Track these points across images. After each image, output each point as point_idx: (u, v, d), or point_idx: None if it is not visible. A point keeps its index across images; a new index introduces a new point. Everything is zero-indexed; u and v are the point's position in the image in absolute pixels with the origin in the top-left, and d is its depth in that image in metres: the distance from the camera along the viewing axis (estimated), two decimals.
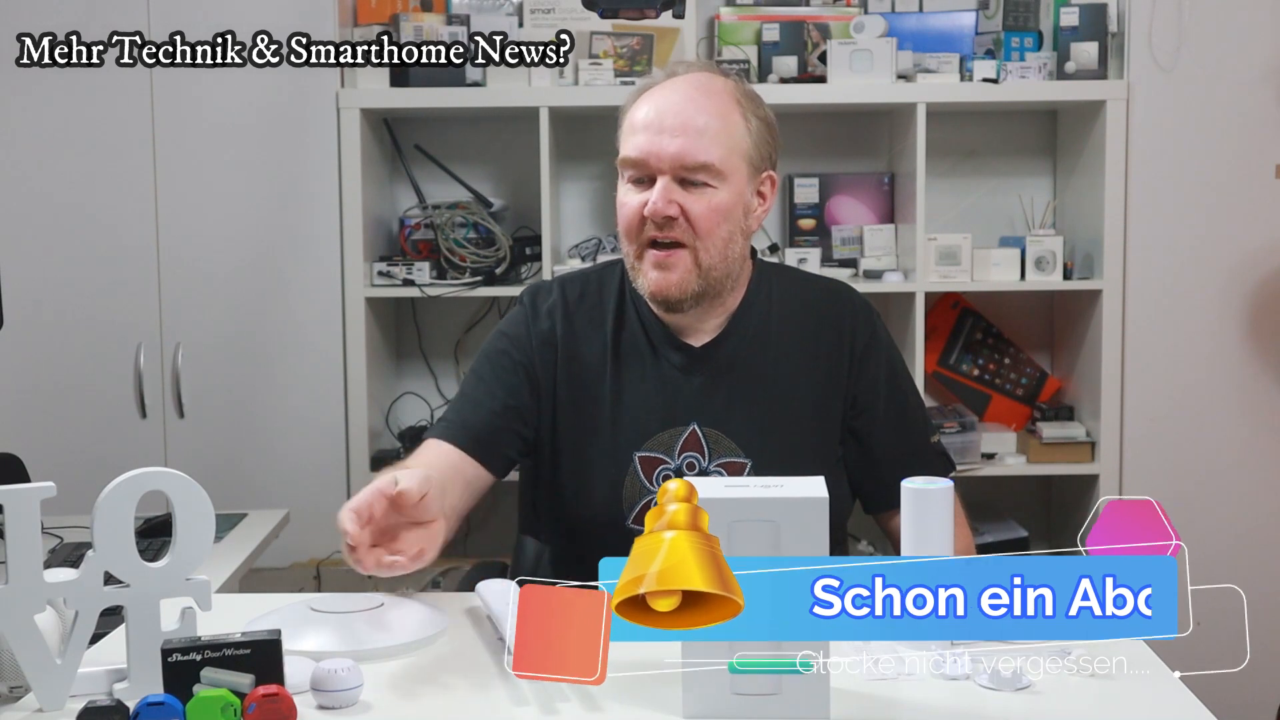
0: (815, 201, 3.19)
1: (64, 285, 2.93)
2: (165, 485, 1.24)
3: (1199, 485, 2.99)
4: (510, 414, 1.76)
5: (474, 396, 1.78)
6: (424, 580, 2.76)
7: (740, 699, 1.15)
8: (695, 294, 1.70)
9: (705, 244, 1.69)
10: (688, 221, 1.67)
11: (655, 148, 1.67)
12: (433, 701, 1.23)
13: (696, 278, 1.69)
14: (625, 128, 1.73)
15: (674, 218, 1.67)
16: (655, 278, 1.69)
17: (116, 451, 2.85)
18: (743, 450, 1.74)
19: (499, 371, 1.78)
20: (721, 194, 1.69)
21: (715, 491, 1.17)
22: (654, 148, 1.67)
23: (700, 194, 1.68)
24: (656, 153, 1.67)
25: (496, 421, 1.75)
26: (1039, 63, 2.96)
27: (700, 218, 1.67)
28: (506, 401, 1.76)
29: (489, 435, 1.74)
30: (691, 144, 1.66)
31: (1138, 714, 1.19)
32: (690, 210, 1.67)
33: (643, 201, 1.68)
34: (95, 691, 1.22)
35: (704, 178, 1.67)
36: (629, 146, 1.70)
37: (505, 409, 1.76)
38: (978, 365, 3.24)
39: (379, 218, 3.13)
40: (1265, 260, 2.96)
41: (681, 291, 1.69)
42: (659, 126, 1.67)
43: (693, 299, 1.71)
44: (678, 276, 1.69)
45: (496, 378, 1.78)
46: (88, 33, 2.88)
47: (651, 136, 1.67)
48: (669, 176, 1.67)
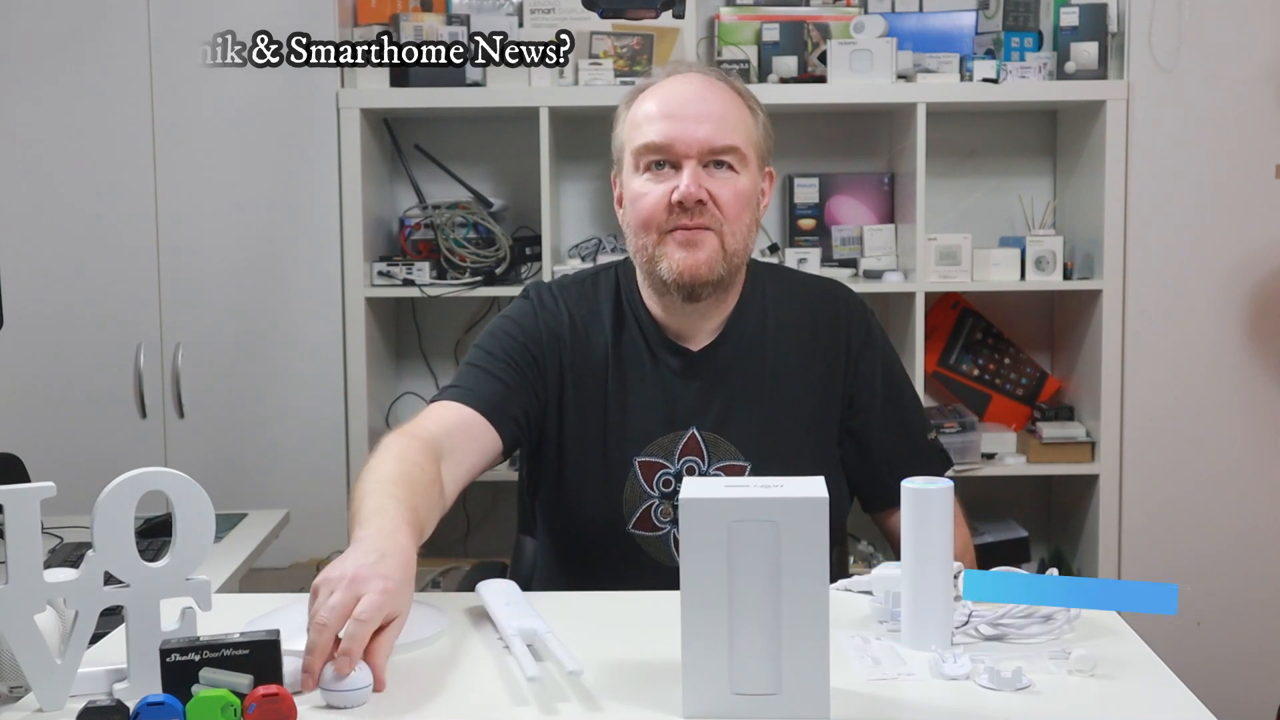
0: (815, 201, 3.19)
1: (64, 285, 2.93)
2: (165, 485, 1.24)
3: (1199, 485, 2.99)
4: (520, 390, 1.72)
5: (483, 366, 1.73)
6: (424, 580, 2.76)
7: (740, 699, 1.15)
8: (719, 278, 1.69)
9: (731, 228, 1.68)
10: (715, 205, 1.66)
11: (682, 132, 1.66)
12: (432, 701, 1.23)
13: (722, 260, 1.68)
14: (635, 119, 1.71)
15: (704, 202, 1.66)
16: (682, 258, 1.66)
17: (116, 451, 2.86)
18: (742, 453, 1.74)
19: (510, 351, 1.74)
20: (743, 179, 1.69)
21: (715, 492, 1.17)
22: (681, 132, 1.66)
23: (726, 179, 1.68)
24: (684, 137, 1.66)
25: (508, 392, 1.70)
26: (1039, 63, 2.96)
27: (728, 202, 1.67)
28: (517, 377, 1.72)
29: (501, 401, 1.69)
30: (717, 128, 1.66)
31: (1138, 714, 1.18)
32: (717, 195, 1.66)
33: (668, 189, 1.66)
34: (95, 691, 1.22)
35: (730, 160, 1.67)
36: (650, 133, 1.67)
37: (516, 383, 1.72)
38: (978, 365, 3.24)
39: (379, 218, 3.13)
40: (1265, 260, 2.96)
41: (710, 271, 1.67)
42: (681, 114, 1.66)
43: (714, 285, 1.69)
44: (706, 256, 1.66)
45: (508, 355, 1.74)
46: (87, 32, 2.89)
47: (676, 123, 1.66)
48: (696, 161, 1.66)
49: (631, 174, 1.71)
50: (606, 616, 1.49)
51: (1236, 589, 3.00)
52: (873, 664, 1.28)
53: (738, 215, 1.68)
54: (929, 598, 1.31)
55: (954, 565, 1.34)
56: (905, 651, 1.32)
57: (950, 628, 1.33)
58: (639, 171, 1.69)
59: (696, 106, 1.67)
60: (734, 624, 1.15)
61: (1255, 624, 3.01)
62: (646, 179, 1.68)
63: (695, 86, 1.70)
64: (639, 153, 1.69)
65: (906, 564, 1.32)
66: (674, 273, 1.67)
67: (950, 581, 1.33)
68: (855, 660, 1.30)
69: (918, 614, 1.32)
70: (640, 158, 1.69)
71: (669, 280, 1.68)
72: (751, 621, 1.15)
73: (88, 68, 2.91)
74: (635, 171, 1.70)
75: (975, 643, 1.34)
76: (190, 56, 2.91)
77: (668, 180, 1.67)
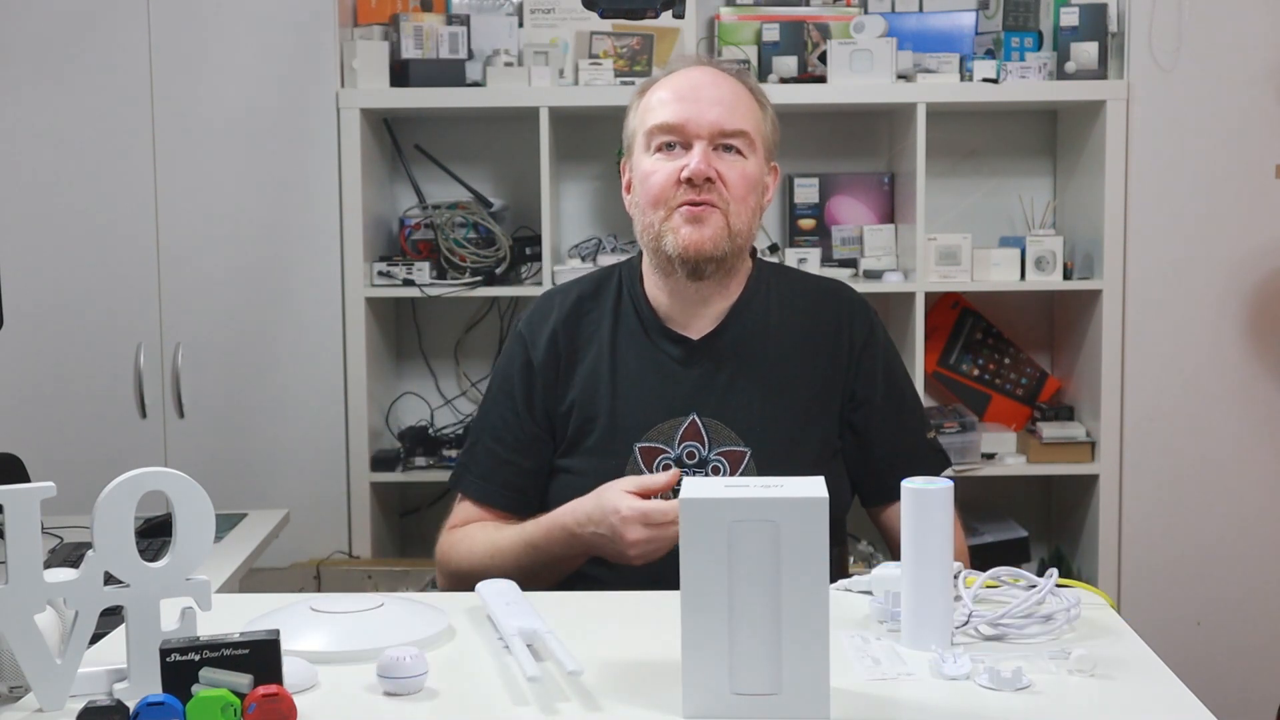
0: (815, 201, 3.19)
1: (64, 285, 2.93)
2: (165, 485, 1.24)
3: (1198, 485, 2.99)
4: (533, 445, 1.82)
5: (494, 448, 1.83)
6: (424, 580, 2.76)
7: (740, 699, 1.15)
8: (723, 255, 1.73)
9: (737, 209, 1.73)
10: (723, 185, 1.72)
11: (695, 114, 1.72)
12: (432, 701, 1.23)
13: (727, 238, 1.72)
14: (648, 104, 1.77)
15: (712, 180, 1.71)
16: (688, 233, 1.71)
17: (116, 451, 2.85)
18: (742, 439, 1.75)
19: (507, 414, 1.83)
20: (751, 164, 1.75)
21: (715, 491, 1.17)
22: (694, 114, 1.72)
23: (734, 161, 1.73)
24: (696, 119, 1.72)
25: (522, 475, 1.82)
26: (1039, 63, 2.96)
27: (735, 183, 1.72)
28: (528, 433, 1.81)
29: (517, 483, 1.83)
30: (729, 112, 1.73)
31: (1138, 714, 1.18)
32: (725, 175, 1.72)
33: (678, 167, 1.71)
34: (95, 691, 1.22)
35: (739, 145, 1.73)
36: (664, 114, 1.73)
37: (528, 440, 1.82)
38: (978, 365, 3.24)
39: (379, 218, 3.13)
40: (1265, 260, 2.96)
41: (715, 248, 1.71)
42: (695, 96, 1.73)
43: (717, 262, 1.73)
44: (711, 231, 1.71)
45: (505, 422, 1.83)
46: (87, 32, 2.89)
47: (688, 104, 1.73)
48: (706, 142, 1.72)
49: (642, 154, 1.76)
50: (606, 616, 1.49)
51: (1236, 588, 3.00)
52: (873, 664, 1.28)
53: (744, 197, 1.74)
54: (929, 598, 1.31)
55: (954, 565, 1.34)
56: (905, 651, 1.32)
57: (950, 628, 1.33)
58: (650, 152, 1.75)
59: (709, 91, 1.74)
60: (734, 624, 1.15)
61: (1255, 623, 3.01)
62: (658, 158, 1.74)
63: (708, 75, 1.77)
64: (651, 133, 1.75)
65: (906, 564, 1.32)
66: (679, 247, 1.71)
67: (950, 581, 1.33)
68: (855, 660, 1.30)
69: (918, 614, 1.32)
70: (652, 138, 1.75)
71: (674, 255, 1.72)
72: (751, 621, 1.15)
73: (88, 68, 2.90)
74: (646, 152, 1.76)
75: (975, 643, 1.34)
76: (190, 56, 2.91)
77: (678, 159, 1.73)
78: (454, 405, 3.27)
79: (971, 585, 1.42)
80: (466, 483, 1.84)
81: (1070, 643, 1.33)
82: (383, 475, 3.02)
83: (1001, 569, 1.47)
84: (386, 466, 3.03)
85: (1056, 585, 1.40)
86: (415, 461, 3.04)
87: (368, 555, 2.98)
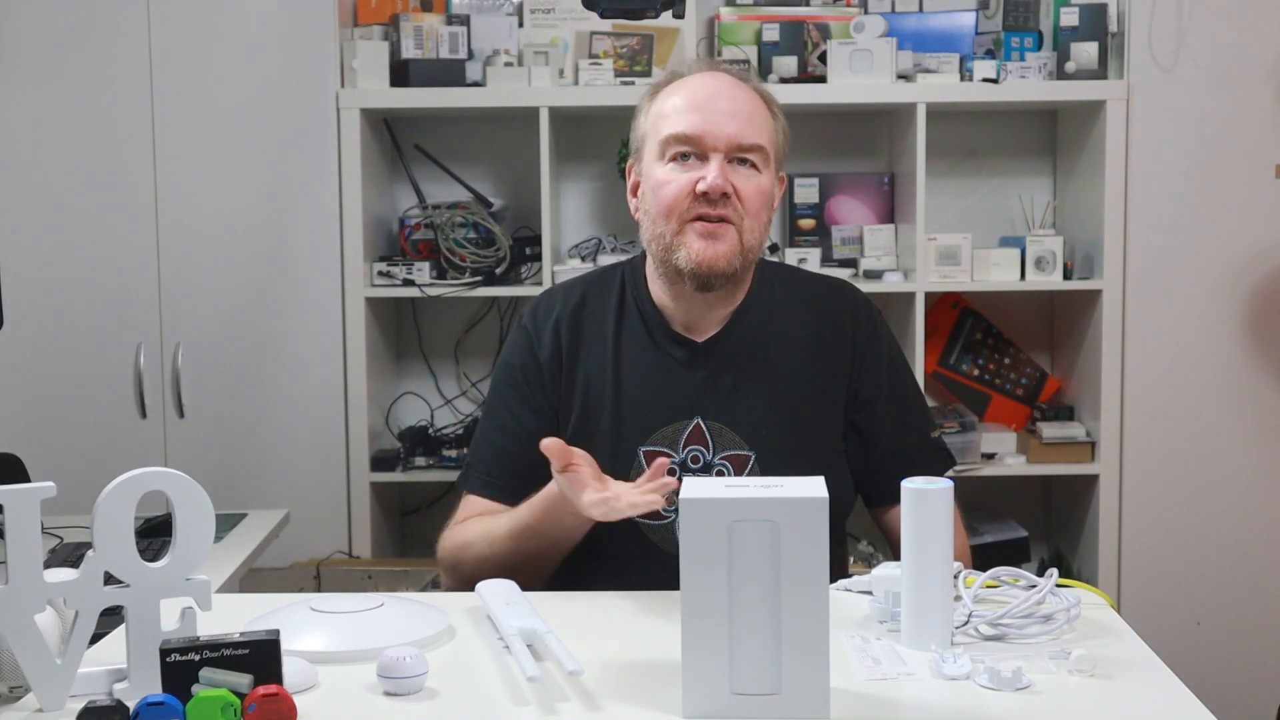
0: (815, 201, 3.19)
1: (64, 285, 2.93)
2: (165, 485, 1.24)
3: (1198, 485, 2.99)
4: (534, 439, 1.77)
5: (499, 442, 1.81)
6: (424, 580, 2.76)
7: (740, 699, 1.15)
8: (735, 271, 1.71)
9: (750, 224, 1.70)
10: (738, 200, 1.69)
11: (712, 126, 1.68)
12: (432, 701, 1.23)
13: (739, 255, 1.70)
14: (662, 110, 1.73)
15: (728, 195, 1.68)
16: (701, 248, 1.68)
17: (116, 451, 2.85)
18: (747, 443, 1.74)
19: (513, 408, 1.81)
20: (764, 178, 1.72)
21: (715, 492, 1.17)
22: (711, 126, 1.68)
23: (749, 175, 1.70)
24: (713, 131, 1.68)
25: (526, 469, 1.77)
26: (1039, 63, 2.96)
27: (750, 198, 1.70)
28: (531, 426, 1.78)
29: (525, 474, 1.76)
30: (745, 125, 1.70)
31: (1138, 714, 1.18)
32: (741, 190, 1.69)
33: (692, 179, 1.68)
34: (95, 691, 1.22)
35: (754, 159, 1.70)
36: (680, 124, 1.70)
37: (532, 432, 1.77)
38: (978, 365, 3.24)
39: (379, 218, 3.13)
40: (1265, 260, 2.96)
41: (728, 264, 1.69)
42: (713, 108, 1.70)
43: (728, 278, 1.71)
44: (725, 248, 1.69)
45: (511, 415, 1.81)
46: (87, 32, 2.89)
47: (706, 116, 1.69)
48: (723, 155, 1.69)
49: (654, 162, 1.73)
50: (606, 616, 1.49)
51: (1236, 589, 3.00)
52: (873, 664, 1.28)
53: (758, 212, 1.71)
54: (929, 598, 1.31)
55: (954, 565, 1.34)
56: (905, 651, 1.32)
57: (950, 628, 1.33)
58: (663, 161, 1.72)
59: (726, 103, 1.70)
60: (734, 624, 1.15)
61: (1255, 624, 3.01)
62: (672, 168, 1.71)
63: (724, 84, 1.73)
64: (666, 143, 1.71)
65: (906, 564, 1.32)
66: (691, 262, 1.69)
67: (950, 581, 1.33)
68: (855, 660, 1.30)
69: (918, 614, 1.32)
70: (667, 148, 1.71)
71: (685, 269, 1.70)
72: (751, 621, 1.15)
73: (88, 67, 2.90)
74: (659, 160, 1.72)
75: (975, 643, 1.34)
76: (190, 56, 2.91)
77: (693, 170, 1.69)
78: (454, 405, 3.27)
79: (971, 585, 1.42)
80: (471, 478, 1.83)
81: (1070, 643, 1.33)
82: (383, 475, 3.03)
83: (1001, 569, 1.47)
84: (386, 466, 3.03)
85: (1056, 585, 1.41)
86: (415, 461, 3.04)
87: (368, 555, 2.98)
